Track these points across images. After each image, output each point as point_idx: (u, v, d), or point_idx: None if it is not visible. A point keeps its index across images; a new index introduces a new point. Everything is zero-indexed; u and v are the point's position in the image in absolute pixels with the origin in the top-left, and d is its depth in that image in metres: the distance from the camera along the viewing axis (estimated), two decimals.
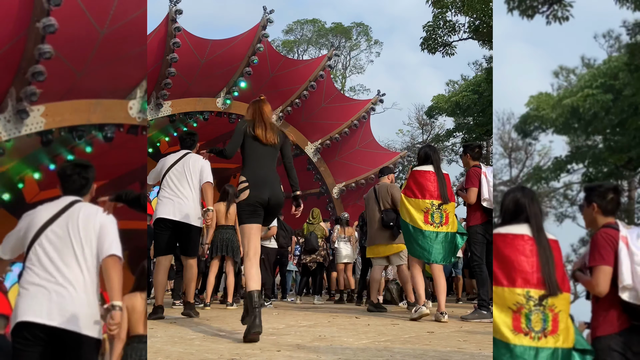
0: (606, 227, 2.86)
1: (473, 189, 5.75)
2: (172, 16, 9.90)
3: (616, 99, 14.65)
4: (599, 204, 2.92)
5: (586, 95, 14.88)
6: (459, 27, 17.97)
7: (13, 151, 8.56)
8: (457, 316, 6.54)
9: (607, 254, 2.77)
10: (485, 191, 5.69)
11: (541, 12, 12.98)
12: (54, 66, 7.54)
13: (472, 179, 5.80)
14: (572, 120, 15.30)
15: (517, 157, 23.97)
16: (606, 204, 2.88)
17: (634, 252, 2.74)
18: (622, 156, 14.63)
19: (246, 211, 4.25)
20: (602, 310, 2.85)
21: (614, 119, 14.51)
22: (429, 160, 5.75)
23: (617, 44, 17.26)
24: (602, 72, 15.30)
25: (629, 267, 2.73)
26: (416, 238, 5.58)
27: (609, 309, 2.83)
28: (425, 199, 5.56)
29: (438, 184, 5.59)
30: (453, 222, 5.65)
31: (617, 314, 2.81)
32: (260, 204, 4.26)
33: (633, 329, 2.82)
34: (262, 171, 4.32)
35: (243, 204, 4.25)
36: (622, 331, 2.81)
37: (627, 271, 2.72)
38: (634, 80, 13.91)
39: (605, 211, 2.90)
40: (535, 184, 17.46)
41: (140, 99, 9.42)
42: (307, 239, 9.66)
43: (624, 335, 2.80)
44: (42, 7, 7.00)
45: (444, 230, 5.53)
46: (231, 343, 3.84)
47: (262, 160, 4.35)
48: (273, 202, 4.32)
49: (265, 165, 4.35)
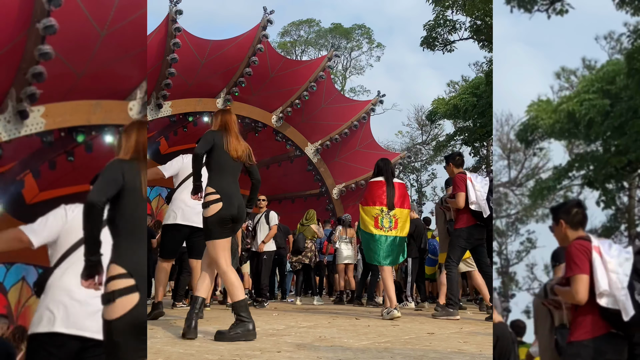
0: (579, 239, 2.97)
1: (461, 193, 6.15)
2: (172, 16, 9.89)
3: (614, 104, 14.64)
4: (565, 219, 3.06)
5: (582, 100, 14.87)
6: (459, 26, 17.99)
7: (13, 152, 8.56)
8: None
9: (582, 263, 2.89)
10: (472, 195, 6.08)
11: (541, 7, 12.98)
12: (54, 67, 7.53)
13: (459, 185, 6.22)
14: (570, 126, 15.29)
15: (515, 158, 23.99)
16: (572, 218, 3.03)
17: (608, 260, 2.87)
18: (622, 158, 14.63)
19: (218, 227, 4.23)
20: (579, 317, 2.93)
21: (613, 122, 14.50)
22: (381, 172, 6.39)
23: (619, 45, 17.26)
24: (599, 77, 15.29)
25: (604, 274, 2.85)
26: (368, 242, 6.23)
27: (585, 316, 2.90)
28: (375, 205, 6.22)
29: (387, 193, 6.20)
30: (403, 227, 6.25)
31: (593, 321, 2.89)
32: (231, 219, 4.24)
33: (610, 336, 2.87)
34: (231, 186, 4.30)
35: (214, 219, 4.20)
36: (597, 338, 2.88)
37: (603, 277, 2.84)
38: (632, 83, 13.90)
39: (573, 225, 3.05)
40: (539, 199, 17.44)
41: (140, 99, 9.41)
42: (294, 240, 9.67)
43: (598, 342, 2.87)
44: (42, 8, 6.99)
45: (392, 235, 6.16)
46: (231, 344, 3.84)
47: (230, 173, 4.32)
48: (240, 216, 4.29)
49: (233, 179, 4.35)
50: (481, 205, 6.05)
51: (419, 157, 30.79)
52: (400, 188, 6.38)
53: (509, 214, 23.31)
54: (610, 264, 2.85)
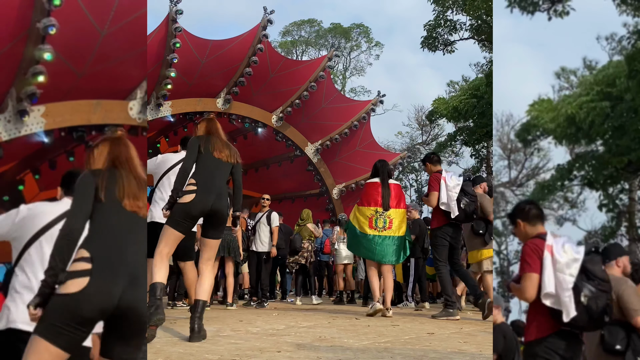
0: (534, 238, 3.03)
1: (434, 192, 6.29)
2: (172, 16, 9.89)
3: (614, 105, 14.63)
4: (522, 218, 3.11)
5: (582, 103, 14.86)
6: (460, 26, 17.99)
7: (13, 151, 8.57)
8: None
9: (533, 262, 2.95)
10: (443, 195, 6.19)
11: (542, 9, 12.96)
12: (55, 67, 7.53)
13: (432, 184, 6.38)
14: (571, 129, 15.27)
15: (516, 158, 23.99)
16: (526, 215, 3.09)
17: (558, 259, 2.91)
18: (623, 159, 14.62)
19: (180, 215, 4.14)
20: (531, 317, 3.00)
21: (614, 122, 14.49)
22: (377, 173, 6.58)
23: (619, 46, 17.25)
24: (600, 80, 15.27)
25: (551, 275, 2.90)
26: (361, 240, 6.47)
27: (536, 316, 2.97)
28: (370, 206, 6.44)
29: (382, 193, 6.40)
30: (399, 227, 6.43)
31: (544, 320, 2.93)
32: (200, 213, 4.15)
33: (561, 333, 2.93)
34: (212, 179, 4.22)
35: (180, 209, 4.12)
36: (550, 336, 2.93)
37: (550, 279, 2.89)
38: (632, 85, 13.89)
39: (530, 221, 3.10)
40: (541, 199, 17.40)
41: (140, 99, 9.41)
42: (291, 240, 9.66)
43: (551, 339, 2.93)
44: (42, 8, 6.99)
45: (386, 234, 6.37)
46: (231, 344, 3.84)
47: (215, 171, 4.26)
48: (215, 211, 4.16)
49: (219, 179, 4.27)
50: (450, 205, 6.15)
51: (418, 158, 30.79)
52: (396, 189, 6.54)
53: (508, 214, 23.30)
54: (559, 264, 2.89)
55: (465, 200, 6.17)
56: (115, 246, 2.30)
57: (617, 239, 17.45)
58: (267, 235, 8.54)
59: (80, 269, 2.19)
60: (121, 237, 2.33)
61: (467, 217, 6.26)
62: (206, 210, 4.16)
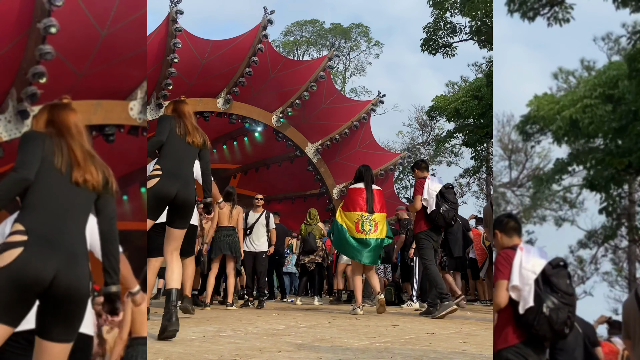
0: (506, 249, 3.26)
1: (417, 196, 6.75)
2: (172, 16, 9.89)
3: (616, 107, 14.60)
4: (500, 229, 3.31)
5: (585, 106, 14.81)
6: (459, 29, 17.97)
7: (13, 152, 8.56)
8: (458, 317, 6.54)
9: (504, 269, 3.18)
10: (425, 193, 6.66)
11: (542, 14, 12.97)
12: (55, 67, 7.54)
13: (417, 189, 6.82)
14: (573, 132, 15.23)
15: (517, 159, 23.96)
16: (505, 227, 3.30)
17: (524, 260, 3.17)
18: (623, 160, 14.60)
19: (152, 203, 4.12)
20: (500, 325, 3.14)
21: (615, 123, 14.47)
22: (361, 178, 6.90)
23: (617, 46, 17.22)
24: (602, 82, 15.22)
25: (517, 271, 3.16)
26: (349, 242, 6.77)
27: (506, 324, 3.11)
28: (356, 211, 6.76)
29: (366, 198, 6.75)
30: (382, 229, 6.77)
31: (514, 328, 3.11)
32: (165, 197, 4.07)
33: (530, 340, 3.09)
34: (179, 166, 4.15)
35: (150, 196, 4.09)
36: (519, 343, 3.09)
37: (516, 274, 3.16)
38: (633, 86, 13.86)
39: (507, 232, 3.31)
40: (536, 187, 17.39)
41: (140, 99, 9.41)
42: (305, 240, 9.65)
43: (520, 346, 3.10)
44: (43, 8, 7.00)
45: (373, 237, 6.70)
46: (231, 344, 3.84)
47: (182, 156, 4.19)
48: (181, 198, 4.08)
49: (185, 163, 4.20)
50: (429, 201, 6.60)
51: (419, 158, 30.77)
52: (379, 194, 6.91)
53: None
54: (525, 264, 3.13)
55: (445, 207, 6.55)
56: (52, 221, 2.19)
57: (617, 240, 17.44)
58: (265, 235, 8.52)
59: (14, 241, 2.11)
60: (60, 211, 2.22)
61: (446, 223, 6.66)
62: (169, 198, 4.08)
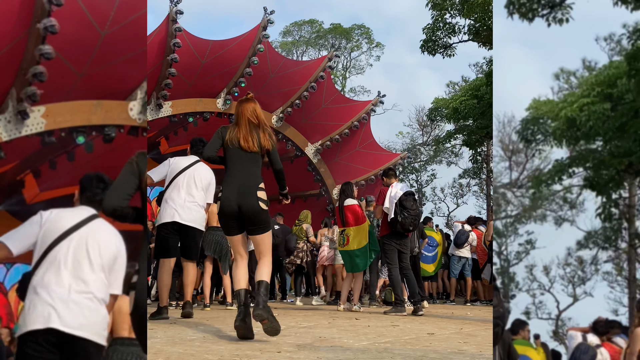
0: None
1: (379, 205, 7.38)
2: (172, 16, 9.89)
3: (615, 106, 14.58)
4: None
5: (582, 105, 14.79)
6: (458, 29, 17.97)
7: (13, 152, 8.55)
8: (458, 317, 6.55)
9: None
10: (386, 202, 7.17)
11: (541, 15, 12.96)
12: (55, 67, 7.53)
13: (379, 197, 7.40)
14: (571, 132, 15.22)
15: (517, 160, 23.95)
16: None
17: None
18: (623, 160, 14.58)
19: (223, 224, 4.31)
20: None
21: (614, 123, 14.44)
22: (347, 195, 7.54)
23: (618, 47, 17.19)
24: (600, 81, 15.21)
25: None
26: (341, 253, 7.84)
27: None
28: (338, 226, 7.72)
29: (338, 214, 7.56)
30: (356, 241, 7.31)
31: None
32: (229, 214, 4.18)
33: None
34: (236, 180, 4.19)
35: (220, 215, 4.28)
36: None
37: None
38: (633, 85, 13.83)
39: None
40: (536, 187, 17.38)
41: (140, 99, 9.41)
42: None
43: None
44: (43, 8, 7.00)
45: (345, 249, 7.41)
46: (231, 344, 3.84)
47: (240, 166, 4.22)
48: (244, 210, 4.14)
49: (244, 172, 4.21)
50: (390, 208, 7.09)
51: (418, 158, 30.77)
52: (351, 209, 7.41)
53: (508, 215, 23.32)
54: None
55: (403, 215, 6.98)
56: None
57: (617, 241, 17.43)
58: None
59: None
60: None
61: (403, 229, 7.06)
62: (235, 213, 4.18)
